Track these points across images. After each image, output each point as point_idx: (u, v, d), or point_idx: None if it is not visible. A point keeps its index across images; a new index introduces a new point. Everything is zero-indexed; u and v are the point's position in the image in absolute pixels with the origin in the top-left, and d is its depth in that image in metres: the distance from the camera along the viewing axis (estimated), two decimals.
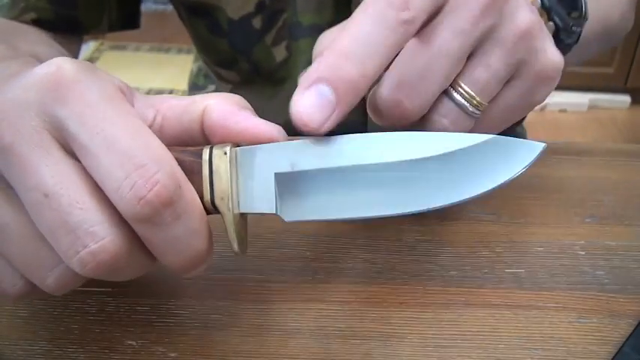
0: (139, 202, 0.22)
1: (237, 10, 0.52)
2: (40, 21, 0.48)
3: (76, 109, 0.23)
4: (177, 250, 0.24)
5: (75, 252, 0.22)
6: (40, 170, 0.22)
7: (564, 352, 0.29)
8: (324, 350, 0.29)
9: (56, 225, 0.22)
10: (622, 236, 0.36)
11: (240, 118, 0.26)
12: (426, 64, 0.27)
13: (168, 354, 0.29)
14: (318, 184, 0.26)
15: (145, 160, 0.22)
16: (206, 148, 0.26)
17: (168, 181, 0.22)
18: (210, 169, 0.25)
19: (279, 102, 0.59)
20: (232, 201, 0.25)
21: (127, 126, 0.23)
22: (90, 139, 0.22)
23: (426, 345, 0.30)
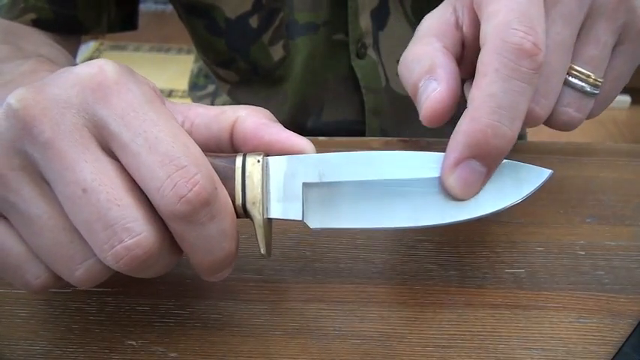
0: (180, 201, 0.23)
1: (235, 9, 0.52)
2: (39, 21, 0.48)
3: (118, 110, 0.23)
4: (207, 250, 0.25)
5: (111, 246, 0.23)
6: (80, 166, 0.23)
7: (564, 352, 0.29)
8: (324, 350, 0.29)
9: (93, 219, 0.23)
10: (622, 236, 0.36)
11: (274, 130, 0.28)
12: (548, 64, 0.28)
13: (168, 354, 0.29)
14: (343, 195, 0.27)
15: (185, 161, 0.23)
16: (239, 156, 0.27)
17: (206, 183, 0.23)
18: (243, 175, 0.27)
19: (277, 101, 0.59)
20: (262, 206, 0.27)
21: (167, 128, 0.24)
22: (132, 139, 0.23)
23: (426, 345, 0.30)
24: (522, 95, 0.26)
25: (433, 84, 0.28)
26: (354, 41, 0.54)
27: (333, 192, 0.28)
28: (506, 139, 0.26)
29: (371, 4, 0.52)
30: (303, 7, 0.53)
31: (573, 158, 0.43)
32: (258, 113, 0.28)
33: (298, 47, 0.54)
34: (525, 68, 0.26)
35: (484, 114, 0.26)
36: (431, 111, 0.28)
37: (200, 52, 0.61)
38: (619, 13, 0.29)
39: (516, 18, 0.26)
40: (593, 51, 0.30)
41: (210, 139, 0.28)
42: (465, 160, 0.26)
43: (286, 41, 0.54)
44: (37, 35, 0.48)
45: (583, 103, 0.30)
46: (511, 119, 0.26)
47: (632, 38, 0.31)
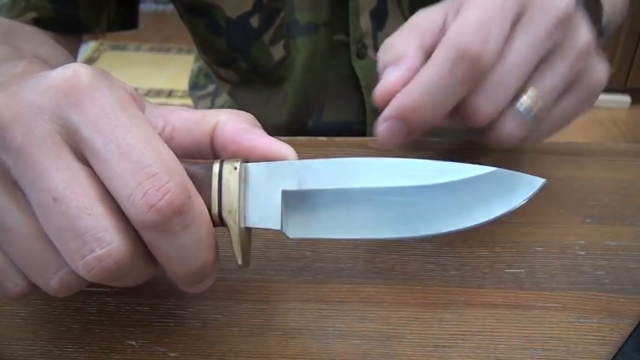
0: (150, 210, 0.22)
1: (235, 9, 0.52)
2: (40, 20, 0.48)
3: (91, 116, 0.23)
4: (182, 260, 0.24)
5: (81, 256, 0.22)
6: (51, 173, 0.22)
7: (564, 352, 0.29)
8: (324, 350, 0.29)
9: (64, 228, 0.22)
10: (622, 236, 0.36)
11: (253, 135, 0.27)
12: (503, 74, 0.30)
13: (168, 354, 0.29)
14: (324, 204, 0.27)
15: (157, 169, 0.22)
16: (216, 162, 0.26)
17: (179, 191, 0.23)
18: (219, 182, 0.26)
19: (277, 101, 0.59)
20: (239, 215, 0.26)
21: (140, 134, 0.23)
22: (103, 146, 0.23)
23: (426, 345, 0.30)
24: (451, 91, 0.30)
25: (394, 69, 0.31)
26: (354, 41, 0.54)
27: (314, 200, 0.27)
28: (426, 118, 0.31)
29: (370, 4, 0.52)
30: (303, 6, 0.53)
31: (573, 158, 0.43)
32: (239, 117, 0.28)
33: (299, 47, 0.54)
34: (462, 70, 0.29)
35: (414, 93, 0.30)
36: (381, 91, 0.31)
37: (201, 51, 0.61)
38: (579, 62, 0.32)
39: (475, 26, 0.29)
40: (548, 81, 0.31)
41: (192, 144, 0.27)
42: (392, 118, 0.31)
43: (287, 41, 0.54)
44: (37, 34, 0.48)
45: (523, 125, 0.32)
46: (434, 106, 0.30)
47: (580, 89, 0.33)
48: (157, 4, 2.62)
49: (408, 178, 0.27)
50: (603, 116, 2.04)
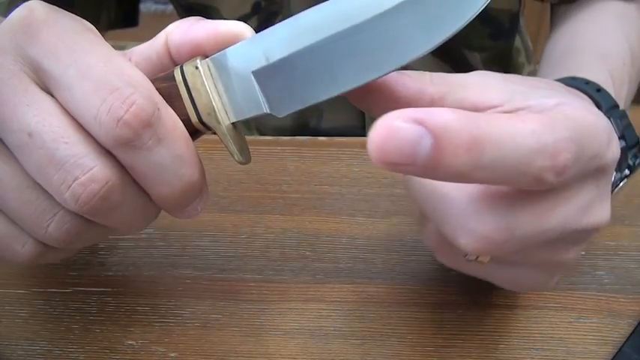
0: (117, 124, 0.22)
1: (233, 11, 0.52)
2: None
3: (48, 45, 0.23)
4: (164, 180, 0.24)
5: (66, 187, 0.22)
6: (21, 110, 0.22)
7: (564, 352, 0.29)
8: (324, 350, 0.29)
9: (44, 163, 0.22)
10: (622, 236, 0.36)
11: (199, 26, 0.26)
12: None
13: (168, 354, 0.29)
14: (299, 69, 0.24)
15: (119, 83, 0.22)
16: (176, 69, 0.25)
17: (145, 102, 0.22)
18: (187, 88, 0.25)
19: None
20: (220, 113, 0.25)
21: (99, 54, 0.23)
22: (64, 72, 0.22)
23: (425, 345, 0.30)
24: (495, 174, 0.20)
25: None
26: None
27: (287, 69, 0.24)
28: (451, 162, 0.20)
29: None
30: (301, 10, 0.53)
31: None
32: (186, 20, 0.26)
33: None
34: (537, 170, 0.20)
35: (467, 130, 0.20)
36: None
37: None
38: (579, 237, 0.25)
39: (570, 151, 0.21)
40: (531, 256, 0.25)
41: (155, 70, 0.26)
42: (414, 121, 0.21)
43: None
44: None
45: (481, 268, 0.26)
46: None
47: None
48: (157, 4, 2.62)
49: (366, 12, 0.24)
50: None
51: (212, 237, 0.36)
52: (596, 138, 0.22)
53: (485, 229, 0.22)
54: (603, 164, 0.23)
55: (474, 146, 0.19)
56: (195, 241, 0.35)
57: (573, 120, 0.21)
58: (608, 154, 0.23)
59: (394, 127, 0.18)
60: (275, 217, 0.37)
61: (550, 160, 0.20)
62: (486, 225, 0.22)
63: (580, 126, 0.21)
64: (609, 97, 0.33)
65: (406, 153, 0.18)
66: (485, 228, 0.22)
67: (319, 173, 0.40)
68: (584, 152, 0.21)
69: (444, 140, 0.19)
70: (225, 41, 0.25)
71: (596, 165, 0.22)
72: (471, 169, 0.19)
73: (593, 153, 0.22)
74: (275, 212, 0.37)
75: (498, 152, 0.19)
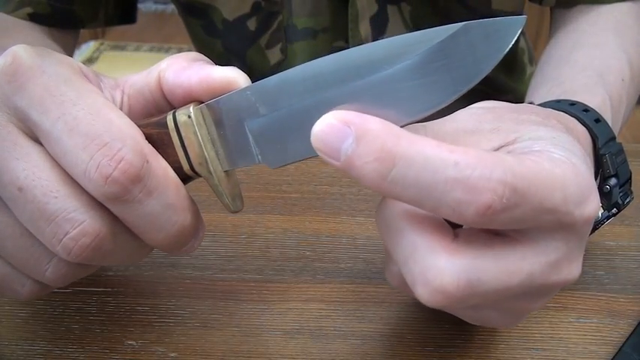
0: (106, 182, 0.22)
1: (233, 11, 0.52)
2: (36, 15, 0.48)
3: (36, 97, 0.22)
4: (156, 227, 0.23)
5: (58, 240, 0.22)
6: (12, 165, 0.22)
7: (564, 352, 0.29)
8: (324, 350, 0.29)
9: (36, 217, 0.22)
10: (622, 236, 0.36)
11: (192, 71, 0.25)
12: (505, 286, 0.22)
13: (168, 354, 0.29)
14: (293, 122, 0.24)
15: (108, 137, 0.22)
16: (169, 115, 0.24)
17: (133, 157, 0.22)
18: (179, 135, 0.24)
19: None
20: (212, 163, 0.24)
21: (87, 105, 0.22)
22: (52, 125, 0.22)
23: (425, 345, 0.30)
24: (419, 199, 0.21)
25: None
26: None
27: (282, 121, 0.24)
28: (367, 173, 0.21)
29: (370, 10, 0.52)
30: (302, 12, 0.53)
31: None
32: (179, 58, 0.26)
33: (296, 52, 0.54)
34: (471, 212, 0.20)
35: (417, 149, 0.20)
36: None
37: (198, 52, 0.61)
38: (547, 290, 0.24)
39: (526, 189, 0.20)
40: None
41: (149, 105, 0.26)
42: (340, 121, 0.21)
43: (284, 45, 0.54)
44: (29, 31, 0.48)
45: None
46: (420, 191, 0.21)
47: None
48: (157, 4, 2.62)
49: (378, 65, 0.22)
50: None
51: (212, 237, 0.36)
52: (555, 192, 0.21)
53: (444, 283, 0.21)
54: (569, 221, 0.21)
55: (385, 157, 0.20)
56: None
57: (528, 168, 0.20)
58: (576, 212, 0.21)
59: (328, 123, 0.21)
60: (275, 217, 0.37)
61: (469, 195, 0.19)
62: (446, 278, 0.21)
63: (534, 175, 0.20)
64: (607, 129, 0.31)
65: (332, 147, 0.20)
66: (444, 281, 0.21)
67: (319, 173, 0.40)
68: (527, 201, 0.20)
69: (360, 144, 0.20)
70: (219, 88, 0.25)
71: (557, 220, 0.21)
72: (380, 180, 0.20)
73: (546, 207, 0.21)
74: (275, 212, 0.37)
75: (409, 171, 0.20)
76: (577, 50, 0.44)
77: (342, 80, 0.23)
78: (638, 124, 2.05)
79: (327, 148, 0.21)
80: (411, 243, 0.22)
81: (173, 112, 0.24)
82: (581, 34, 0.47)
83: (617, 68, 0.41)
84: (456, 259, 0.21)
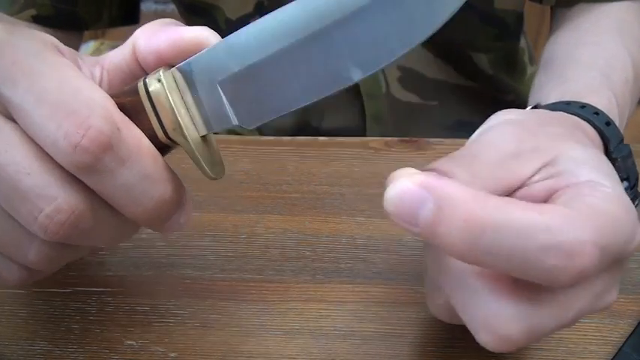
0: (75, 150, 0.21)
1: (236, 11, 0.52)
2: (39, 17, 0.48)
3: (6, 71, 0.22)
4: (134, 199, 0.23)
5: (33, 219, 0.22)
6: None
7: (564, 352, 0.29)
8: (324, 350, 0.29)
9: (10, 196, 0.22)
10: None
11: (163, 35, 0.24)
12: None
13: (168, 354, 0.29)
14: (266, 77, 0.23)
15: (75, 106, 0.21)
16: (140, 81, 0.23)
17: (102, 124, 0.21)
18: (150, 102, 0.23)
19: None
20: (186, 128, 0.23)
21: (55, 76, 0.22)
22: (21, 98, 0.22)
23: (425, 345, 0.30)
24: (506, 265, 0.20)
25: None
26: None
27: (256, 77, 0.23)
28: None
29: None
30: None
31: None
32: (151, 24, 0.25)
33: None
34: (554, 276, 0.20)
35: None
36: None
37: None
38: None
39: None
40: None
41: (127, 78, 0.25)
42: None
43: None
44: None
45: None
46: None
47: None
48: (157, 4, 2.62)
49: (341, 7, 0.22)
50: None
51: (212, 237, 0.36)
52: (622, 233, 0.21)
53: (508, 331, 0.21)
54: (624, 257, 0.22)
55: (472, 225, 0.19)
56: (195, 241, 0.35)
57: (601, 215, 0.20)
58: (630, 247, 0.21)
59: (403, 186, 0.19)
60: (275, 217, 0.37)
61: (565, 261, 0.19)
62: (509, 325, 0.21)
63: (607, 224, 0.20)
64: (617, 132, 0.32)
65: (409, 213, 0.19)
66: (507, 329, 0.21)
67: (319, 173, 0.40)
68: (607, 253, 0.20)
69: (444, 210, 0.19)
70: (190, 49, 0.24)
71: (613, 260, 0.21)
72: (468, 249, 0.19)
73: (617, 251, 0.21)
74: (275, 212, 0.37)
75: (500, 239, 0.19)
76: (580, 48, 0.44)
77: (307, 25, 0.22)
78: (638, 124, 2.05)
79: (403, 214, 0.19)
80: (471, 285, 0.21)
81: (144, 78, 0.24)
82: (583, 32, 0.47)
83: (621, 68, 0.41)
84: (520, 306, 0.21)
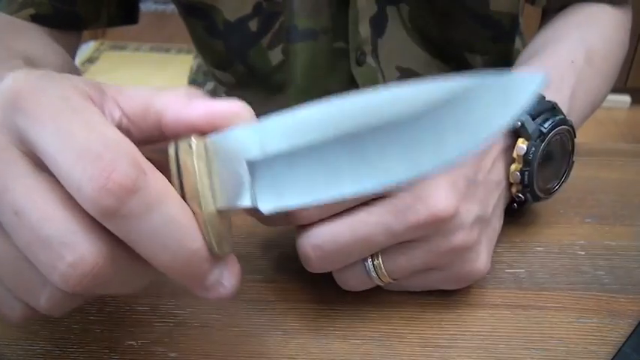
0: (100, 194, 0.20)
1: (234, 12, 0.52)
2: (38, 16, 0.48)
3: (34, 116, 0.22)
4: (161, 246, 0.22)
5: (54, 267, 0.21)
6: (9, 187, 0.22)
7: (564, 352, 0.29)
8: (324, 350, 0.29)
9: (31, 242, 0.21)
10: (622, 236, 0.36)
11: (195, 106, 0.24)
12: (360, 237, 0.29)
13: (168, 354, 0.29)
14: (295, 165, 0.23)
15: (100, 150, 0.21)
16: (171, 143, 0.24)
17: (127, 167, 0.21)
18: (177, 165, 0.23)
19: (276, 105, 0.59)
20: (204, 199, 0.23)
21: (81, 121, 0.22)
22: (49, 143, 0.21)
23: (425, 345, 0.30)
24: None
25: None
26: (354, 49, 0.54)
27: (283, 164, 0.23)
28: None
29: (370, 11, 0.52)
30: (303, 12, 0.53)
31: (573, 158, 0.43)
32: (176, 96, 0.25)
33: (297, 52, 0.54)
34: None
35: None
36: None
37: (198, 52, 0.61)
38: (445, 258, 0.30)
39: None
40: (401, 261, 0.30)
41: (150, 130, 0.25)
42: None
43: (285, 45, 0.54)
44: (33, 32, 0.48)
45: (366, 281, 0.31)
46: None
47: (447, 275, 0.31)
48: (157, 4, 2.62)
49: (383, 112, 0.22)
50: (603, 116, 2.04)
51: None
52: None
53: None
54: None
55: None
56: None
57: None
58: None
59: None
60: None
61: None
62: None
63: None
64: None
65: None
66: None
67: None
68: None
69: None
70: (222, 121, 0.24)
71: None
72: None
73: None
74: None
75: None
76: (530, 47, 0.48)
77: (345, 121, 0.22)
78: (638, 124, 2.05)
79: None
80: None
81: (176, 140, 0.24)
82: (550, 30, 0.50)
83: (566, 51, 0.44)
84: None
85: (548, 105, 0.35)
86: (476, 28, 0.54)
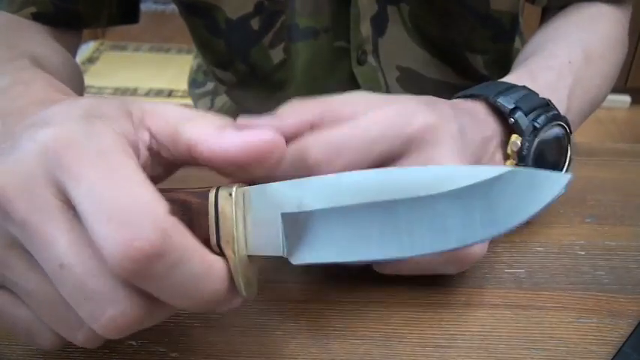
0: (124, 261, 0.21)
1: (236, 11, 0.52)
2: (39, 15, 0.48)
3: (73, 173, 0.22)
4: (187, 296, 0.23)
5: (95, 318, 0.23)
6: (55, 241, 0.22)
7: (564, 352, 0.29)
8: (324, 350, 0.29)
9: (75, 293, 0.23)
10: (622, 236, 0.36)
11: (226, 140, 0.25)
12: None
13: (168, 354, 0.29)
14: (328, 225, 0.25)
15: (127, 216, 0.21)
16: (212, 189, 0.25)
17: (151, 234, 0.21)
18: (216, 211, 0.25)
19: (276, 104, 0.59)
20: (238, 244, 0.25)
21: (115, 181, 0.22)
22: (82, 202, 0.22)
23: (425, 345, 0.30)
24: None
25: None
26: (355, 48, 0.54)
27: (317, 221, 0.25)
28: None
29: (370, 10, 0.52)
30: (304, 11, 0.53)
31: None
32: (207, 127, 0.25)
33: (298, 51, 0.54)
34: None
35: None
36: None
37: (199, 51, 0.61)
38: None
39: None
40: None
41: (180, 155, 0.26)
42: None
43: (287, 44, 0.54)
44: (35, 31, 0.48)
45: None
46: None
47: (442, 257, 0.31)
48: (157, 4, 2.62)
49: (419, 188, 0.24)
50: (603, 116, 2.04)
51: None
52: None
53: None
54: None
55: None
56: None
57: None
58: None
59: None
60: None
61: None
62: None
63: None
64: (497, 84, 0.36)
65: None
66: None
67: None
68: None
69: None
70: (257, 155, 0.24)
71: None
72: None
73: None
74: None
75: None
76: (529, 48, 0.48)
77: (383, 191, 0.24)
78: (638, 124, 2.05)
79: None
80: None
81: (218, 187, 0.25)
82: (551, 29, 0.50)
83: (564, 51, 0.44)
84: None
85: (542, 101, 0.35)
86: (476, 27, 0.54)
